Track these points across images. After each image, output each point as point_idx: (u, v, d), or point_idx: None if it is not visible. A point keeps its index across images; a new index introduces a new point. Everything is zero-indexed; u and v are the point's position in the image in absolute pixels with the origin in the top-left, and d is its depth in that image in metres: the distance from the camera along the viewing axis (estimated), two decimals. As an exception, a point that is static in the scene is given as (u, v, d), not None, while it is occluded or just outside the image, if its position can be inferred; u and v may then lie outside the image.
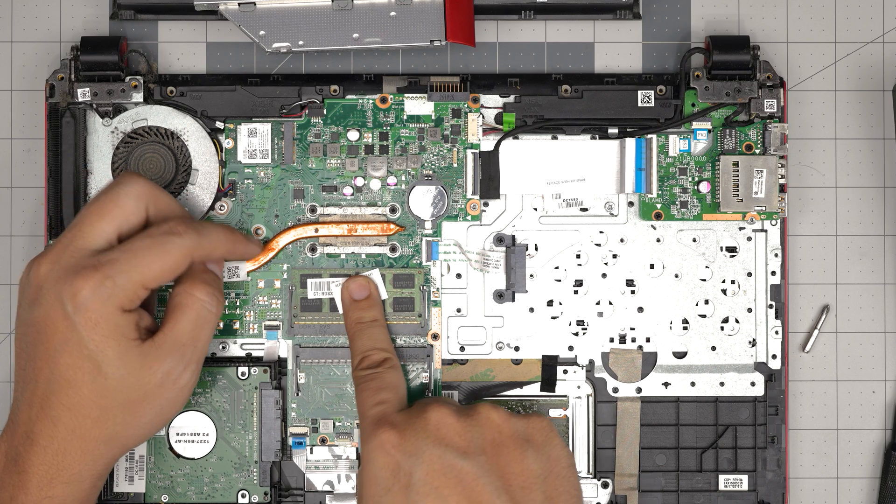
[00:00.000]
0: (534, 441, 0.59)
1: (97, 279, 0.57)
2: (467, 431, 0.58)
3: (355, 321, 0.65)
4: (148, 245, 0.58)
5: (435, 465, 0.57)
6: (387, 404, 0.61)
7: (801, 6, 0.69)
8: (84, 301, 0.57)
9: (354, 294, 0.65)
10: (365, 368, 0.63)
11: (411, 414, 0.59)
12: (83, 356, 0.57)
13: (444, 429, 0.58)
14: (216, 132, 0.66)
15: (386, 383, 0.62)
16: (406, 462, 0.57)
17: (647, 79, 0.67)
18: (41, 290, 0.58)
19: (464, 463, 0.57)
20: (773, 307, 0.66)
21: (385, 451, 0.58)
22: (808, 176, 0.69)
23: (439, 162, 0.66)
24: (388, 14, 0.65)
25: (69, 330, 0.57)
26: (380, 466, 0.58)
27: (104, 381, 0.58)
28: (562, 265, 0.66)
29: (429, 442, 0.58)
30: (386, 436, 0.58)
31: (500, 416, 0.59)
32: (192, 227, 0.60)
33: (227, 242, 0.62)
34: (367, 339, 0.64)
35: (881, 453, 0.68)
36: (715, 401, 0.66)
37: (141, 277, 0.58)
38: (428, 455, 0.57)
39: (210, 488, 0.65)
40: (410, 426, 0.59)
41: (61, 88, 0.65)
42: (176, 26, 0.68)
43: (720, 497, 0.66)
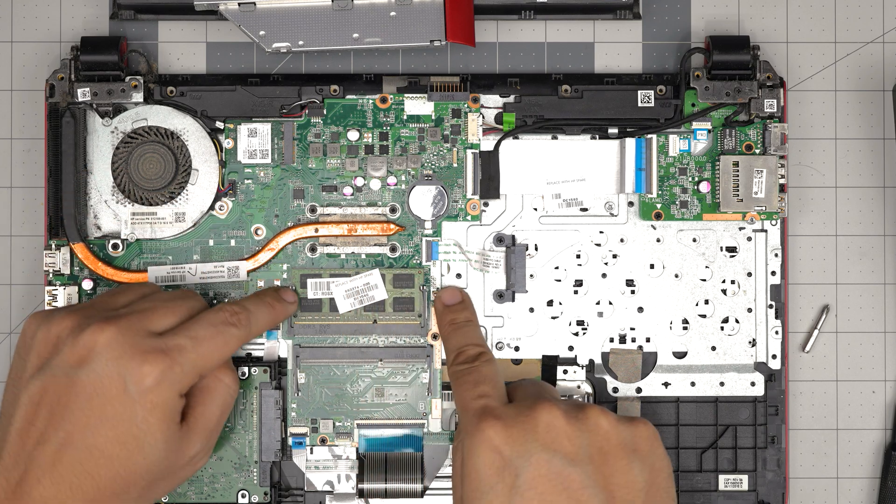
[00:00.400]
0: (640, 451, 0.58)
1: (166, 365, 0.58)
2: (576, 437, 0.57)
3: (449, 322, 0.64)
4: (211, 335, 0.60)
5: (542, 470, 0.56)
6: (489, 397, 0.59)
7: (801, 6, 0.69)
8: (150, 385, 0.57)
9: (447, 300, 0.65)
10: (462, 363, 0.62)
11: (520, 410, 0.58)
12: (130, 433, 0.57)
13: (553, 432, 0.57)
14: (216, 132, 0.66)
15: (483, 376, 0.61)
16: (513, 462, 0.56)
17: (647, 79, 0.67)
18: (98, 358, 0.57)
19: (571, 470, 0.56)
20: (773, 307, 0.66)
21: (492, 447, 0.57)
22: (808, 176, 0.69)
23: (439, 162, 0.66)
24: (388, 14, 0.65)
25: (123, 407, 0.57)
26: (485, 463, 0.57)
27: (141, 461, 0.57)
28: (562, 265, 0.66)
29: (537, 444, 0.56)
30: (492, 431, 0.57)
31: (608, 423, 0.58)
32: (245, 319, 0.61)
33: (272, 321, 0.64)
34: (461, 337, 0.64)
35: (881, 453, 0.68)
36: (715, 401, 0.66)
37: (202, 366, 0.59)
38: (536, 458, 0.56)
39: (210, 488, 0.65)
40: (519, 424, 0.57)
41: (61, 88, 0.65)
42: (176, 26, 0.68)
43: (720, 497, 0.66)
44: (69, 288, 0.65)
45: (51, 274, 0.65)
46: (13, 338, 0.68)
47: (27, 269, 0.68)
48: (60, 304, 0.65)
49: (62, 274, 0.66)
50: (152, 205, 0.66)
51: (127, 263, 0.66)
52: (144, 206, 0.66)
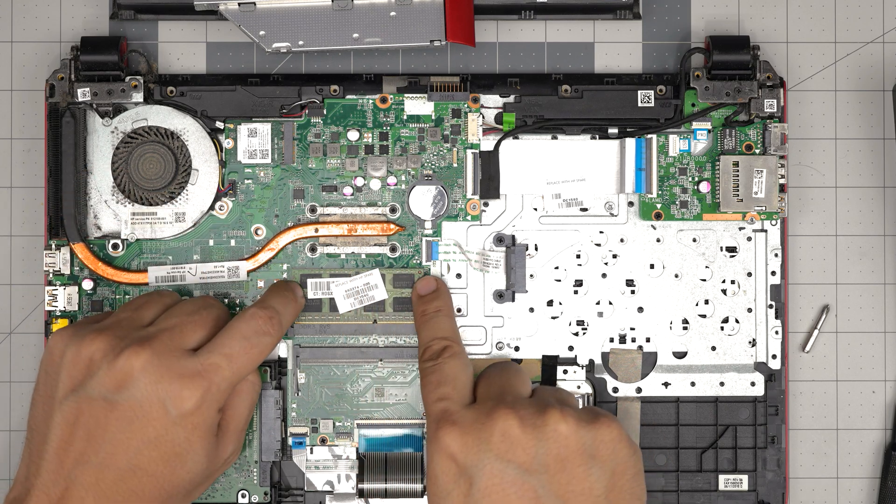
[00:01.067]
0: (600, 455, 0.57)
1: (204, 387, 0.58)
2: (532, 446, 0.57)
3: (420, 315, 0.64)
4: (246, 349, 0.60)
5: (496, 479, 0.56)
6: (448, 400, 0.59)
7: (801, 6, 0.69)
8: (191, 408, 0.58)
9: (420, 290, 0.65)
10: (427, 360, 0.62)
11: (477, 416, 0.58)
12: (173, 453, 0.58)
13: (508, 441, 0.57)
14: (216, 132, 0.66)
15: (445, 376, 0.61)
16: (467, 470, 0.56)
17: (647, 79, 0.67)
18: (136, 383, 0.57)
19: (526, 479, 0.56)
20: (773, 307, 0.66)
21: (448, 454, 0.57)
22: (808, 176, 0.69)
23: (439, 162, 0.66)
24: (388, 14, 0.65)
25: (165, 429, 0.58)
26: (442, 470, 0.57)
27: (184, 475, 0.58)
28: (562, 265, 0.66)
29: (491, 454, 0.56)
30: (449, 438, 0.57)
31: (568, 428, 0.57)
32: (277, 322, 0.62)
33: (295, 314, 0.64)
34: (428, 330, 0.64)
35: (881, 453, 0.68)
36: (715, 401, 0.66)
37: (238, 379, 0.60)
38: (490, 468, 0.56)
39: (210, 488, 0.65)
40: (474, 431, 0.57)
41: (61, 88, 0.65)
42: (176, 26, 0.68)
43: (720, 497, 0.66)
44: (69, 288, 0.65)
45: (51, 274, 0.65)
46: (13, 338, 0.68)
47: (27, 269, 0.68)
48: (61, 305, 0.65)
49: (62, 274, 0.66)
50: (152, 205, 0.66)
51: (127, 263, 0.66)
52: (144, 206, 0.66)
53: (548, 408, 0.58)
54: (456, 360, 0.62)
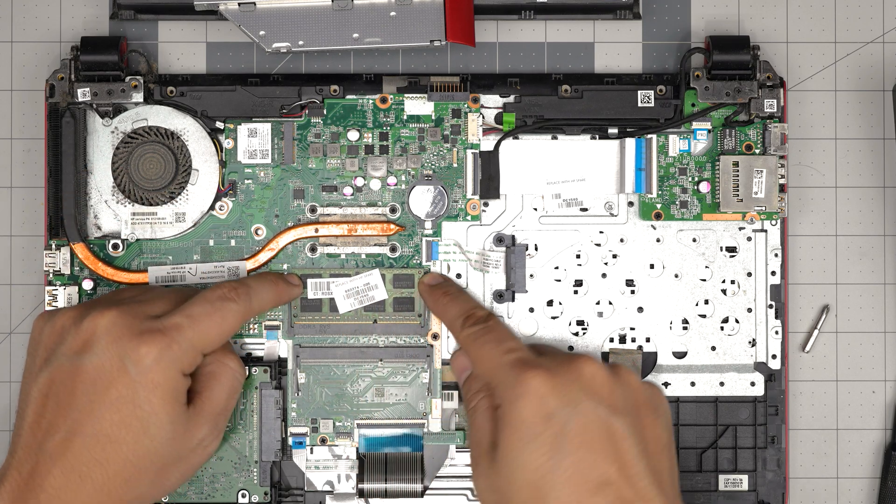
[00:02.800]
0: (660, 411, 0.60)
1: (164, 342, 0.58)
2: (615, 390, 0.58)
3: (442, 294, 0.64)
4: (208, 311, 0.60)
5: (590, 418, 0.56)
6: (521, 350, 0.59)
7: (801, 6, 0.69)
8: (149, 364, 0.58)
9: (429, 281, 0.65)
10: (474, 325, 0.62)
11: (560, 362, 0.58)
12: (134, 415, 0.57)
13: (598, 384, 0.58)
14: (216, 132, 0.66)
15: (505, 333, 0.61)
16: (561, 410, 0.56)
17: (647, 79, 0.67)
18: (98, 342, 0.58)
19: (614, 419, 0.57)
20: (773, 307, 0.66)
21: (538, 395, 0.57)
22: (808, 176, 0.69)
23: (439, 162, 0.66)
24: (388, 14, 0.65)
25: (126, 388, 0.57)
26: (531, 412, 0.57)
27: (148, 443, 0.58)
28: (562, 265, 0.66)
29: (584, 394, 0.57)
30: (538, 380, 0.57)
31: (636, 381, 0.60)
32: (243, 293, 0.61)
33: (274, 297, 0.64)
34: (462, 302, 0.64)
35: (881, 453, 0.68)
36: (715, 401, 0.66)
37: (201, 343, 0.59)
38: (583, 407, 0.57)
39: (210, 488, 0.65)
40: (563, 374, 0.58)
41: (61, 88, 0.65)
42: (176, 26, 0.68)
43: (720, 497, 0.66)
44: (69, 288, 0.65)
45: (51, 274, 0.65)
46: (13, 338, 0.68)
47: (27, 269, 0.68)
48: (61, 305, 0.65)
49: (62, 274, 0.66)
50: (152, 205, 0.66)
51: (127, 263, 0.66)
52: (144, 206, 0.66)
53: (616, 364, 0.61)
54: (504, 324, 0.63)
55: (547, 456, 0.56)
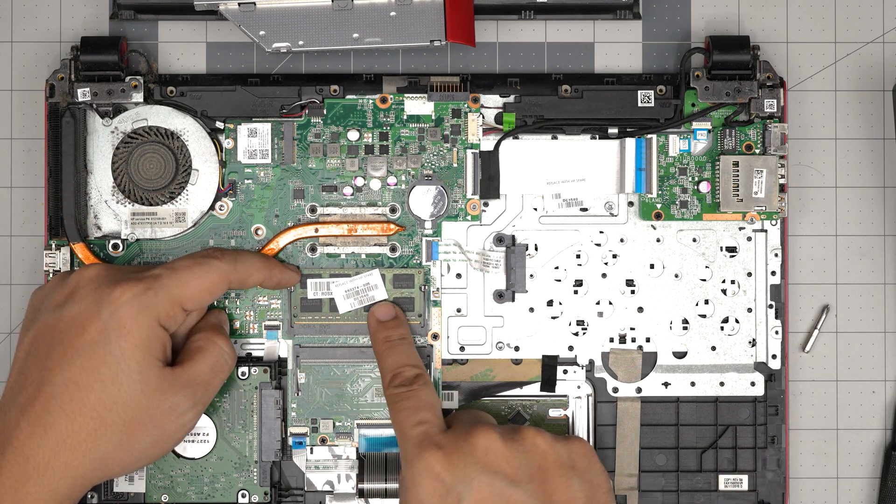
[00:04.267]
0: (577, 467, 0.59)
1: (140, 288, 0.58)
2: (515, 458, 0.58)
3: (383, 340, 0.64)
4: (189, 264, 0.60)
5: (484, 493, 0.57)
6: (428, 424, 0.60)
7: (801, 6, 0.69)
8: (122, 307, 0.58)
9: (380, 316, 0.65)
10: (398, 386, 0.62)
11: (457, 436, 0.59)
12: (104, 362, 0.57)
13: (492, 455, 0.58)
14: (216, 132, 0.66)
15: (423, 402, 0.61)
16: (455, 488, 0.57)
17: (647, 79, 0.67)
18: (78, 291, 0.59)
19: (513, 491, 0.57)
20: (773, 307, 0.66)
21: (433, 474, 0.58)
22: (808, 176, 0.69)
23: (439, 162, 0.66)
24: (388, 14, 0.65)
25: (98, 333, 0.58)
26: (427, 492, 0.57)
27: (116, 392, 0.57)
28: (562, 265, 0.66)
29: (477, 468, 0.57)
30: (433, 459, 0.58)
31: (545, 442, 0.59)
32: (229, 254, 0.62)
33: (263, 269, 0.64)
34: (397, 356, 0.63)
35: (881, 453, 0.68)
36: (715, 401, 0.66)
37: (180, 294, 0.60)
38: (477, 482, 0.57)
39: (210, 488, 0.65)
40: (458, 450, 0.58)
41: (61, 88, 0.65)
42: (176, 26, 0.68)
43: (720, 497, 0.66)
44: (69, 288, 0.65)
45: (51, 274, 0.65)
46: (13, 338, 0.68)
47: (27, 269, 0.68)
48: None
49: (62, 274, 0.66)
50: (152, 205, 0.66)
51: (127, 263, 0.66)
52: (144, 206, 0.66)
53: (521, 427, 0.60)
54: (429, 388, 0.62)
55: None
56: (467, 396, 0.66)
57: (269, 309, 0.66)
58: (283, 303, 0.66)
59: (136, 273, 0.60)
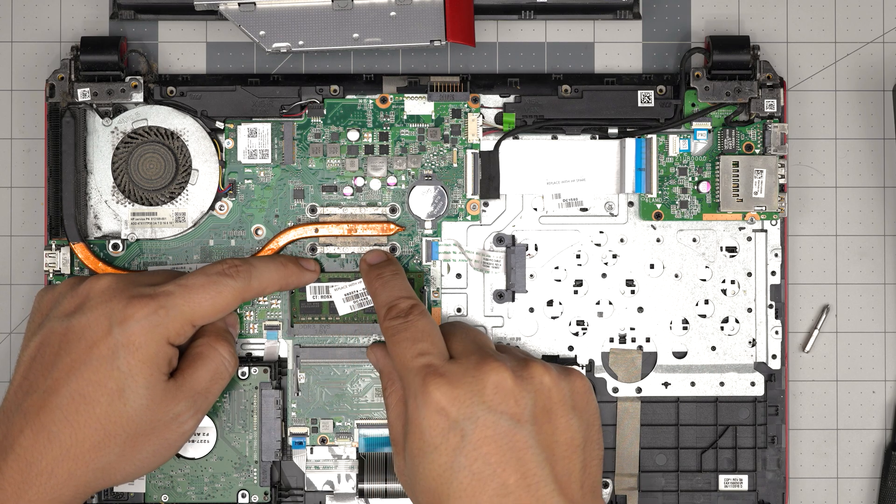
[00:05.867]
0: (578, 406, 0.59)
1: (152, 307, 0.58)
2: (522, 397, 0.57)
3: (376, 276, 0.63)
4: (203, 283, 0.60)
5: (488, 431, 0.56)
6: (430, 354, 0.58)
7: (801, 6, 0.69)
8: (133, 325, 0.58)
9: (371, 260, 0.65)
10: (394, 318, 0.60)
11: (466, 369, 0.57)
12: (111, 376, 0.57)
13: (501, 394, 0.57)
14: (216, 132, 0.66)
15: (420, 331, 0.59)
16: (459, 423, 0.56)
17: (647, 79, 0.67)
18: (89, 302, 0.59)
19: (516, 430, 0.56)
20: (773, 307, 0.66)
21: (438, 408, 0.56)
22: (808, 176, 0.69)
23: (439, 162, 0.66)
24: (388, 14, 0.65)
25: (107, 347, 0.58)
26: (430, 424, 0.56)
27: (121, 407, 0.58)
28: (562, 265, 0.66)
29: (484, 406, 0.56)
30: (438, 392, 0.56)
31: (551, 379, 0.58)
32: (244, 272, 0.61)
33: (280, 279, 0.63)
34: (390, 290, 0.62)
35: (881, 453, 0.68)
36: (715, 401, 0.66)
37: (192, 314, 0.59)
38: (483, 420, 0.56)
39: (210, 488, 0.65)
40: (465, 384, 0.57)
41: (61, 88, 0.65)
42: (176, 26, 0.68)
43: (720, 497, 0.66)
44: (69, 288, 0.65)
45: (51, 274, 0.65)
46: (13, 338, 0.68)
47: (27, 269, 0.68)
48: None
49: (62, 274, 0.66)
50: (152, 205, 0.66)
51: (127, 263, 0.66)
52: (144, 206, 0.66)
53: (529, 361, 0.59)
54: (426, 317, 0.60)
55: (445, 467, 0.56)
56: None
57: (269, 309, 0.66)
58: (283, 303, 0.66)
59: (149, 288, 0.60)
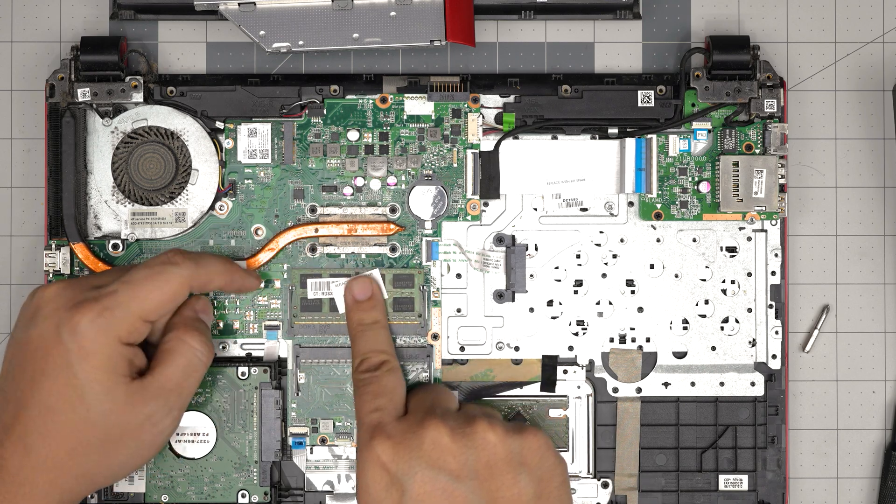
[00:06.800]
0: (528, 463, 0.59)
1: (97, 310, 0.58)
2: (461, 453, 0.58)
3: (356, 323, 0.65)
4: (146, 275, 0.59)
5: (427, 487, 0.58)
6: (383, 411, 0.61)
7: (801, 6, 0.69)
8: (81, 330, 0.57)
9: (357, 295, 0.65)
10: (364, 371, 0.63)
11: (408, 426, 0.59)
12: (69, 385, 0.57)
13: (438, 449, 0.58)
14: (216, 132, 0.66)
15: (382, 388, 0.62)
16: (399, 479, 0.58)
17: (647, 79, 0.67)
18: (39, 311, 0.59)
19: (456, 486, 0.58)
20: (773, 307, 0.66)
21: (379, 464, 0.58)
22: (808, 176, 0.69)
23: (439, 162, 0.66)
24: (388, 14, 0.65)
25: (60, 356, 0.57)
26: (374, 479, 0.58)
27: (85, 413, 0.57)
28: (562, 265, 0.66)
29: (422, 462, 0.58)
30: (380, 448, 0.59)
31: (496, 436, 0.59)
32: (189, 258, 0.61)
33: (225, 273, 0.63)
34: (366, 342, 0.64)
35: (881, 453, 0.68)
36: (715, 401, 0.66)
37: (140, 309, 0.59)
38: (420, 476, 0.58)
39: (210, 488, 0.65)
40: (405, 441, 0.59)
41: (61, 88, 0.65)
42: (176, 26, 0.68)
43: (720, 497, 0.66)
44: (69, 288, 0.65)
45: (51, 274, 0.65)
46: (13, 338, 0.68)
47: (27, 269, 0.68)
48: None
49: (62, 274, 0.66)
50: (152, 205, 0.66)
51: (127, 263, 0.66)
52: (144, 206, 0.66)
53: (475, 418, 0.59)
54: (393, 374, 0.63)
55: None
56: (467, 396, 0.66)
57: (269, 309, 0.66)
58: (283, 303, 0.66)
59: (94, 291, 0.59)
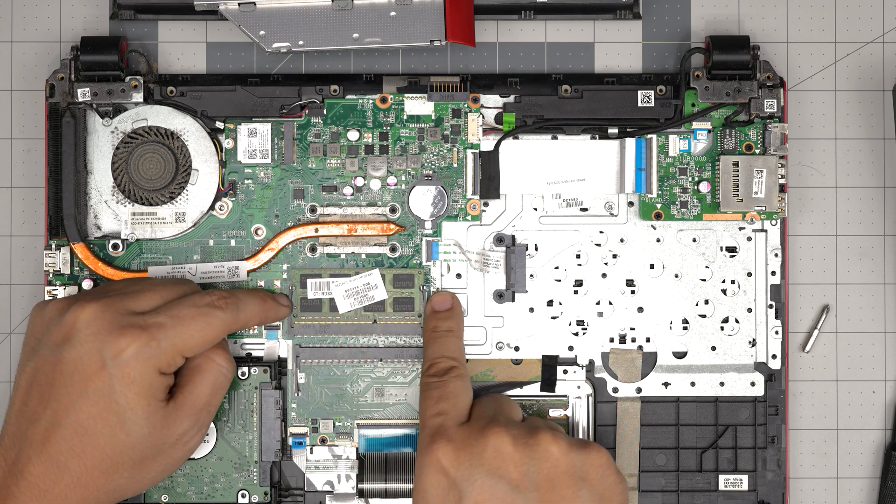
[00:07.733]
0: (589, 479, 0.58)
1: (143, 340, 0.58)
2: (523, 463, 0.58)
3: (431, 329, 0.65)
4: (193, 315, 0.60)
5: (485, 494, 0.57)
6: (446, 416, 0.60)
7: (801, 6, 0.69)
8: (126, 358, 0.58)
9: (436, 306, 0.65)
10: (431, 375, 0.63)
11: (470, 433, 0.59)
12: (110, 409, 0.58)
13: (500, 458, 0.58)
14: (216, 132, 0.66)
15: (448, 392, 0.62)
16: (458, 484, 0.58)
17: (647, 79, 0.67)
18: (78, 335, 0.58)
19: (515, 497, 0.57)
20: (773, 307, 0.66)
21: (438, 468, 0.58)
22: (808, 176, 0.69)
23: (439, 162, 0.66)
24: (388, 14, 0.65)
25: (102, 381, 0.58)
26: (432, 483, 0.58)
27: (125, 438, 0.58)
28: (562, 265, 0.66)
29: (483, 469, 0.58)
30: (441, 452, 0.58)
31: (559, 450, 0.58)
32: (231, 304, 0.61)
33: (261, 313, 0.64)
34: (437, 347, 0.64)
35: (881, 453, 0.68)
36: (715, 401, 0.66)
37: (183, 346, 0.59)
38: (480, 483, 0.57)
39: (210, 488, 0.65)
40: (468, 447, 0.58)
41: (61, 88, 0.65)
42: (176, 26, 0.68)
43: (720, 497, 0.66)
44: (69, 288, 0.65)
45: (51, 274, 0.65)
46: (13, 338, 0.68)
47: (27, 269, 0.68)
48: (60, 304, 0.65)
49: (62, 274, 0.66)
50: (152, 205, 0.66)
51: (127, 263, 0.66)
52: (144, 206, 0.66)
53: (539, 430, 0.59)
54: (460, 381, 0.62)
55: None
56: (467, 396, 0.66)
57: (269, 309, 0.66)
58: (283, 303, 0.66)
59: (137, 319, 0.59)
